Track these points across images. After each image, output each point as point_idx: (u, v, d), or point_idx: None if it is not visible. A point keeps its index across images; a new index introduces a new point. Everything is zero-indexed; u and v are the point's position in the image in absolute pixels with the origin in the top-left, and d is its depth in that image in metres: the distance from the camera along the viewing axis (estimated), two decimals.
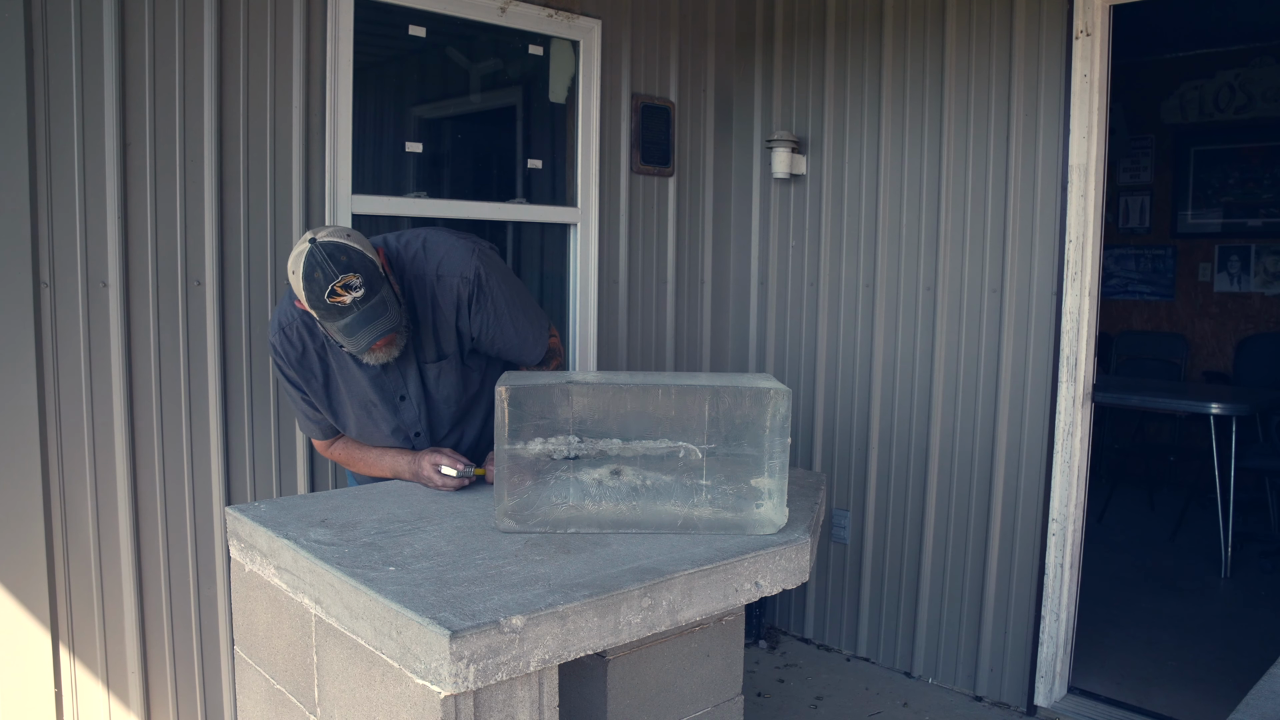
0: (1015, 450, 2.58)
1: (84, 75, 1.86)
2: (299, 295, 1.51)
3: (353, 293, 1.44)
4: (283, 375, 1.72)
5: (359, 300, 1.45)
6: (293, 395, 1.76)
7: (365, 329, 1.48)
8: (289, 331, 1.66)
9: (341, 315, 1.45)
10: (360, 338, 1.49)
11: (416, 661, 1.15)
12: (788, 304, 3.09)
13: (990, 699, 2.67)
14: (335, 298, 1.44)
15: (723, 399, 1.46)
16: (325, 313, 1.47)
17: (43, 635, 1.88)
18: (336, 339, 1.52)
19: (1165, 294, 5.22)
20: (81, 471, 1.92)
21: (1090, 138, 2.40)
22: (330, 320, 1.48)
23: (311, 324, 1.64)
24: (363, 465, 1.83)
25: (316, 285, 1.45)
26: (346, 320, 1.46)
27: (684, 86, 3.02)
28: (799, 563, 1.47)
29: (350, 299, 1.44)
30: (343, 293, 1.44)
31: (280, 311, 1.69)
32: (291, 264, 1.51)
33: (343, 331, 1.48)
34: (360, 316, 1.46)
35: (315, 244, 1.47)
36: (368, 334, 1.49)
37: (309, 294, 1.47)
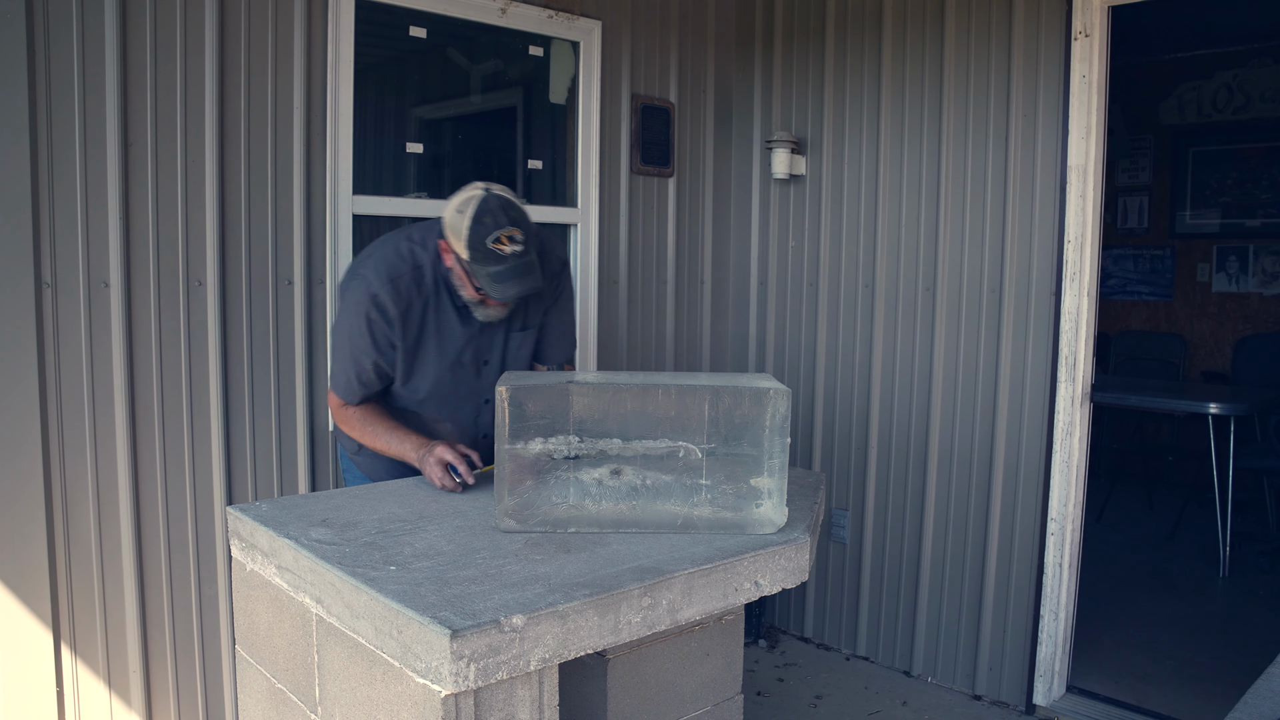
0: (1014, 450, 2.59)
1: (85, 75, 1.86)
2: (459, 234, 1.56)
3: (514, 245, 1.53)
4: (368, 326, 1.69)
5: (517, 254, 1.54)
6: (362, 348, 1.72)
7: (512, 282, 1.56)
8: (399, 283, 1.66)
9: (498, 262, 1.54)
10: (506, 288, 1.57)
11: (417, 660, 1.15)
12: (787, 304, 3.10)
13: (989, 698, 2.67)
14: (498, 244, 1.52)
15: (722, 399, 1.46)
16: (482, 256, 1.55)
17: (44, 634, 1.89)
18: (483, 284, 1.58)
19: (1164, 294, 5.23)
20: (83, 471, 1.92)
21: (1089, 138, 2.40)
22: (482, 264, 1.55)
23: (421, 279, 1.68)
24: (370, 435, 1.78)
25: (483, 228, 1.53)
26: (500, 269, 1.54)
27: (684, 87, 3.03)
28: (798, 562, 1.48)
29: (510, 250, 1.53)
30: (506, 243, 1.52)
31: (387, 265, 1.68)
32: (458, 205, 1.58)
33: (492, 278, 1.55)
34: (512, 269, 1.55)
35: (490, 193, 1.57)
36: (513, 287, 1.57)
37: (473, 234, 1.53)
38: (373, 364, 1.75)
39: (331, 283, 2.26)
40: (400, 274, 1.68)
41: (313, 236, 2.23)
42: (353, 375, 1.77)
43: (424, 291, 1.71)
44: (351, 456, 2.00)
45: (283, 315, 2.20)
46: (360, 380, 1.78)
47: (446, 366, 1.79)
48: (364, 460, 1.97)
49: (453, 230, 1.60)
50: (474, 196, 1.58)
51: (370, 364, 1.75)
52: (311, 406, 2.26)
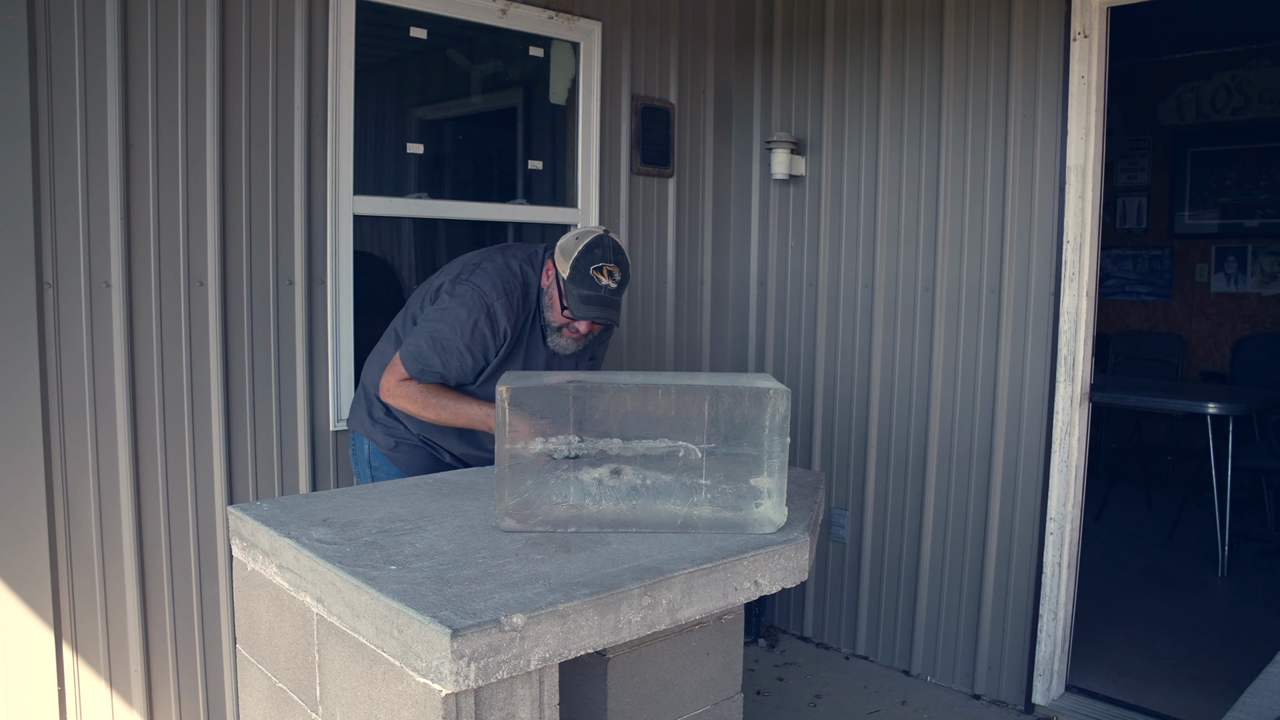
0: (1013, 450, 2.60)
1: (87, 76, 1.87)
2: (568, 255, 1.79)
3: (610, 280, 1.78)
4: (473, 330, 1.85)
5: (610, 289, 1.78)
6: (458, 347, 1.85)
7: (596, 308, 1.78)
8: (512, 298, 1.88)
9: (593, 288, 1.76)
10: (589, 310, 1.78)
11: (418, 660, 1.16)
12: (787, 304, 3.10)
13: (988, 697, 2.68)
14: (598, 273, 1.76)
15: (722, 399, 1.47)
16: (582, 280, 1.77)
17: (46, 634, 1.89)
18: (570, 302, 1.80)
19: (1162, 294, 5.23)
20: (85, 471, 1.93)
21: (1088, 139, 2.41)
22: (578, 286, 1.78)
23: (527, 297, 1.90)
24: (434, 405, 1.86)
25: (592, 257, 1.77)
26: (593, 294, 1.77)
27: (684, 88, 3.03)
28: (798, 562, 1.48)
29: (605, 283, 1.77)
30: (606, 275, 1.76)
31: (502, 279, 1.88)
32: (578, 233, 1.83)
33: (581, 299, 1.77)
34: (602, 298, 1.77)
35: (607, 234, 1.84)
36: (595, 311, 1.78)
37: (583, 259, 1.78)
38: (458, 364, 1.87)
39: (332, 283, 2.27)
40: (513, 289, 1.87)
41: (313, 237, 2.24)
42: (435, 364, 1.86)
43: (528, 308, 1.91)
44: (388, 453, 2.03)
45: (284, 315, 2.20)
46: (441, 372, 1.87)
47: None
48: (401, 456, 2.02)
49: (564, 252, 1.82)
50: (594, 231, 1.82)
51: (456, 363, 1.86)
52: (312, 406, 2.27)
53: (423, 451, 2.03)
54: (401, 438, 2.02)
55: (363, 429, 2.06)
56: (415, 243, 2.66)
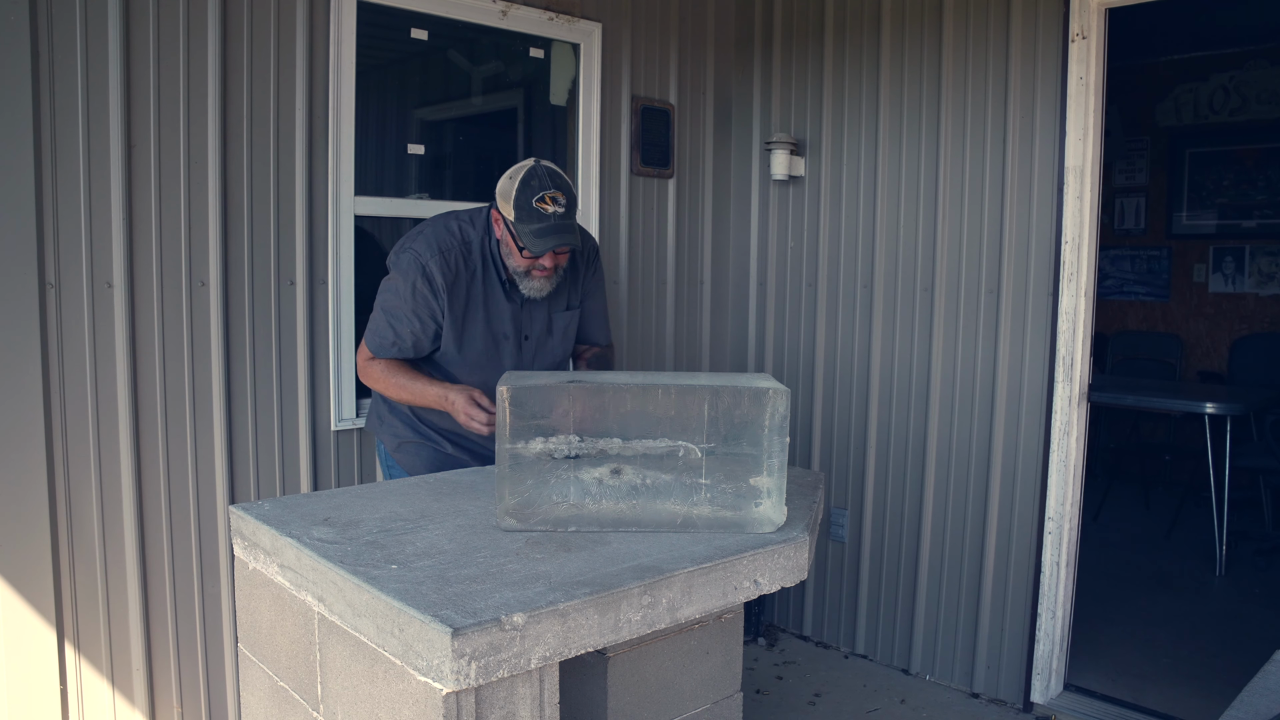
0: (1012, 449, 2.60)
1: (89, 78, 1.87)
2: (508, 197, 1.73)
3: (556, 205, 1.71)
4: (412, 294, 1.84)
5: (559, 214, 1.71)
6: (404, 313, 1.85)
7: (552, 236, 1.72)
8: (448, 256, 1.83)
9: (540, 220, 1.71)
10: (546, 242, 1.73)
11: (419, 659, 1.16)
12: (786, 304, 3.11)
13: (987, 696, 2.69)
14: (541, 204, 1.70)
15: (722, 399, 1.47)
16: (527, 214, 1.72)
17: (48, 632, 1.90)
18: (524, 241, 1.74)
19: (1160, 295, 5.25)
20: (87, 470, 1.93)
21: (1086, 140, 2.41)
22: (526, 223, 1.72)
23: (468, 253, 1.85)
24: (394, 385, 1.86)
25: (530, 190, 1.72)
26: (542, 225, 1.71)
27: (684, 89, 3.04)
28: (797, 561, 1.49)
29: (552, 210, 1.71)
30: (549, 203, 1.71)
31: (437, 238, 1.84)
32: (510, 173, 1.77)
33: (534, 234, 1.72)
34: (553, 226, 1.72)
35: (538, 163, 1.77)
36: (552, 240, 1.73)
37: (520, 195, 1.72)
38: (410, 330, 1.86)
39: (333, 283, 2.28)
40: (450, 248, 1.83)
41: (315, 237, 2.25)
42: (388, 335, 1.87)
43: (471, 265, 1.86)
44: (393, 454, 2.05)
45: (285, 315, 2.21)
46: (395, 341, 1.88)
47: (490, 338, 1.91)
48: (404, 457, 2.03)
49: (503, 195, 1.76)
50: (524, 165, 1.75)
51: (408, 329, 1.86)
52: (314, 406, 2.27)
53: (425, 449, 2.03)
54: (403, 438, 2.04)
55: (376, 430, 2.10)
56: None
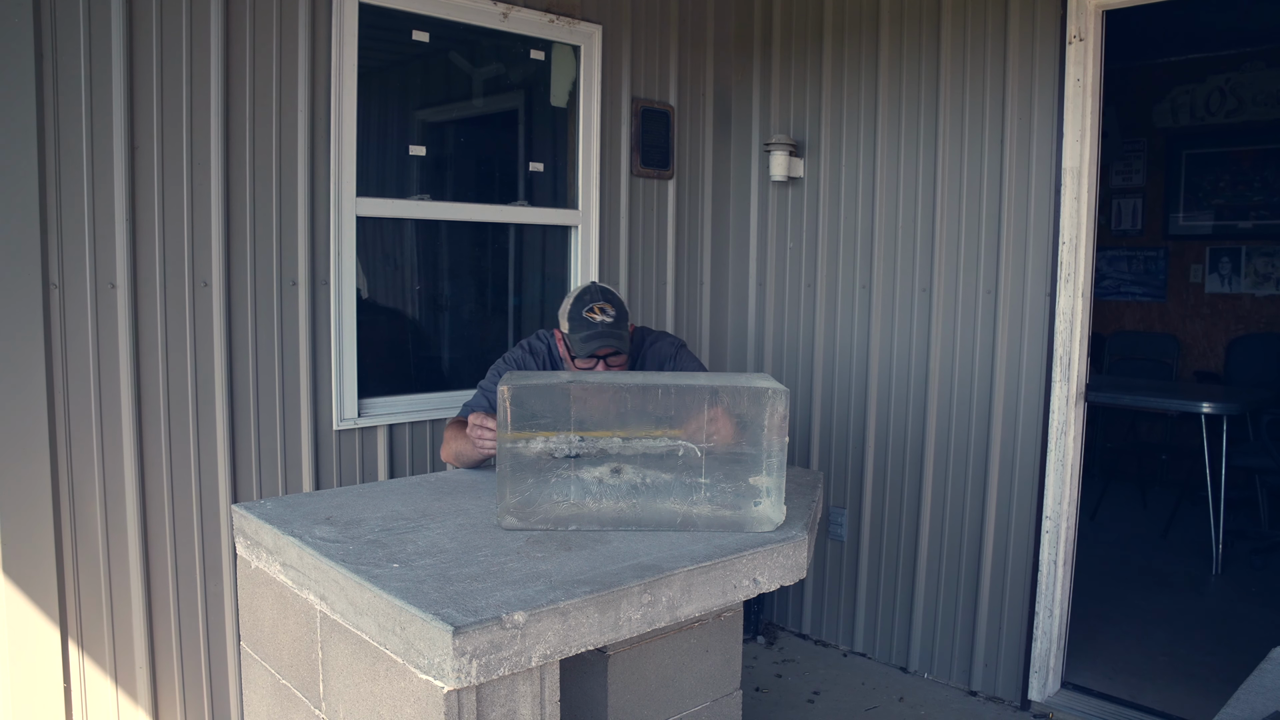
0: (1009, 449, 2.62)
1: (92, 79, 1.88)
2: (565, 314, 1.95)
3: (604, 315, 1.92)
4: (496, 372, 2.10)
5: (605, 323, 1.92)
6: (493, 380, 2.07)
7: (597, 340, 1.91)
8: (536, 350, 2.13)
9: (588, 328, 1.91)
10: (591, 345, 1.91)
11: (420, 657, 1.17)
12: (785, 305, 3.12)
13: (985, 694, 2.70)
14: (590, 313, 1.92)
15: (721, 398, 1.48)
16: (578, 324, 1.92)
17: (52, 631, 1.91)
18: (574, 347, 1.93)
19: (1157, 295, 5.26)
20: (90, 470, 1.94)
21: (1083, 141, 2.43)
22: (577, 331, 1.92)
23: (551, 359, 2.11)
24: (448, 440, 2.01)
25: (581, 303, 1.94)
26: (590, 331, 1.91)
27: (683, 91, 3.05)
28: (796, 560, 1.50)
29: (600, 319, 1.91)
30: (598, 312, 1.92)
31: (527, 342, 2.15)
32: (570, 293, 2.01)
33: (582, 339, 1.91)
34: (599, 331, 1.91)
35: (594, 283, 2.03)
36: (597, 343, 1.91)
37: (573, 309, 1.94)
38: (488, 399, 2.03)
39: (335, 283, 2.29)
40: (536, 349, 2.12)
41: (317, 238, 2.25)
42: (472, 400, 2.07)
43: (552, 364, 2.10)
44: None
45: (287, 316, 2.22)
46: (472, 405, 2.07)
47: None
48: None
49: (562, 315, 1.99)
50: (581, 286, 2.00)
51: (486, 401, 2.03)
52: (316, 405, 2.28)
53: None
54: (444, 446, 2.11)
55: None
56: (417, 244, 2.67)
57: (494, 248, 2.82)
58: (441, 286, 2.78)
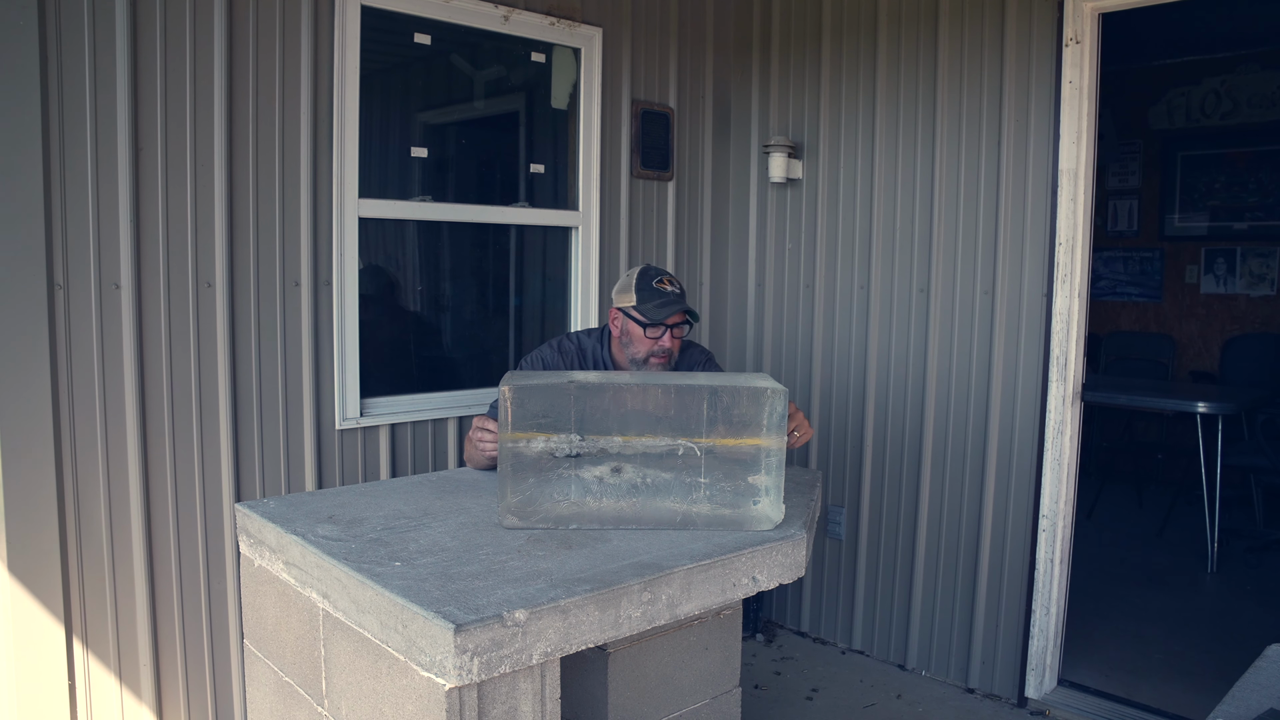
0: (1006, 448, 2.63)
1: (97, 81, 1.89)
2: (629, 289, 2.03)
3: (673, 287, 2.04)
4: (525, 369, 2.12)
5: (675, 294, 2.03)
6: None
7: (673, 306, 2.01)
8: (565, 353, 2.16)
9: (661, 296, 2.01)
10: (667, 310, 2.00)
11: (422, 654, 1.18)
12: (784, 305, 3.14)
13: (982, 691, 2.72)
14: (660, 284, 2.02)
15: (721, 398, 1.49)
16: (649, 294, 2.01)
17: (57, 628, 1.92)
18: (648, 314, 2.00)
19: (1153, 295, 5.28)
20: (94, 469, 1.95)
21: (1079, 143, 2.44)
22: (650, 300, 2.00)
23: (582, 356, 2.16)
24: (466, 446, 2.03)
25: (649, 277, 2.03)
26: (664, 299, 2.01)
27: (683, 93, 3.06)
28: (795, 558, 1.51)
29: (670, 289, 2.03)
30: (668, 284, 2.04)
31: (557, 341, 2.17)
32: (625, 274, 2.11)
33: (657, 306, 2.00)
34: (672, 298, 2.02)
35: (645, 264, 2.14)
36: (673, 308, 2.00)
37: (641, 282, 2.03)
38: None
39: (337, 284, 2.30)
40: (567, 349, 2.16)
41: (319, 239, 2.27)
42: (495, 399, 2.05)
43: (584, 362, 2.15)
44: None
45: (290, 316, 2.23)
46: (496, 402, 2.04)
47: None
48: None
49: (621, 290, 2.06)
50: (637, 267, 2.10)
51: None
52: (318, 405, 2.29)
53: None
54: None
55: None
56: (419, 245, 2.68)
57: (495, 249, 2.83)
58: (443, 287, 2.80)
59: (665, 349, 2.02)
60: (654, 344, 2.01)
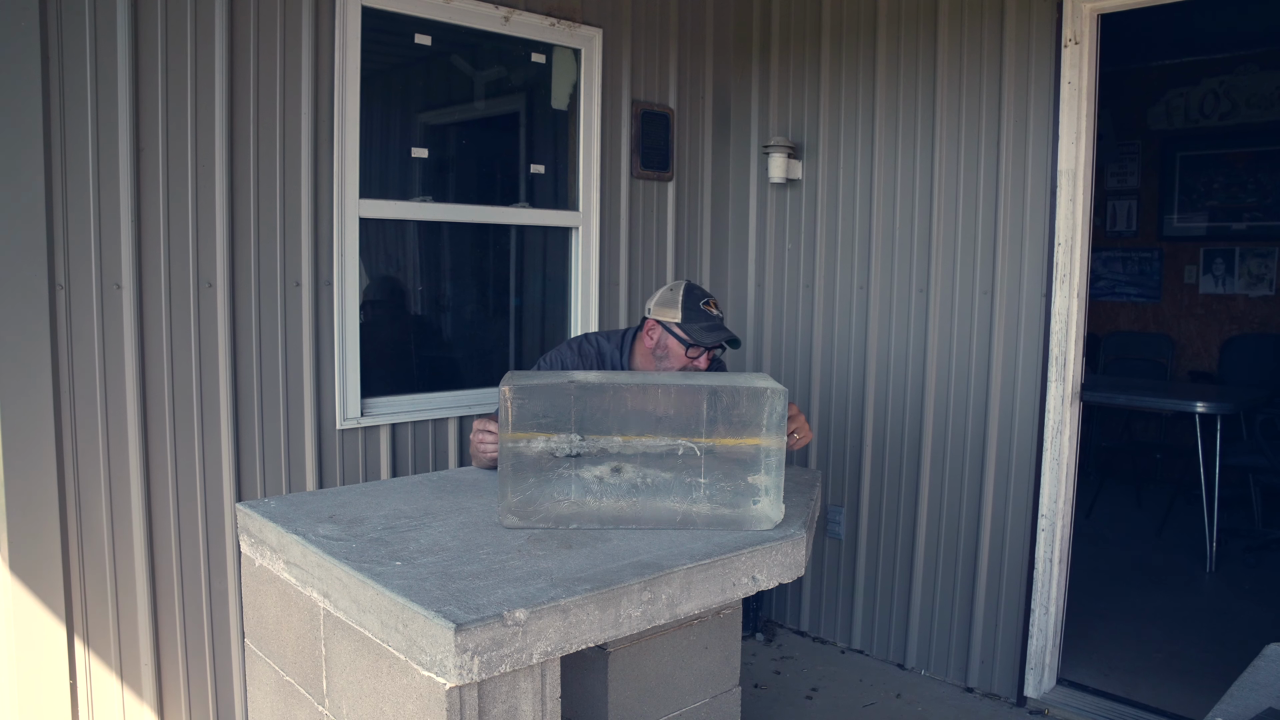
0: (1005, 448, 2.64)
1: (98, 81, 1.90)
2: (673, 305, 2.03)
3: (719, 311, 2.06)
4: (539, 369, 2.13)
5: (720, 318, 2.05)
6: None
7: (720, 332, 2.03)
8: (586, 352, 2.16)
9: (709, 320, 2.02)
10: (715, 336, 2.02)
11: (422, 654, 1.18)
12: (784, 305, 3.14)
13: (981, 690, 2.72)
14: (708, 307, 2.04)
15: (720, 398, 1.50)
16: (697, 315, 2.02)
17: (58, 628, 1.93)
18: (695, 336, 2.01)
19: (1152, 296, 5.29)
20: (96, 469, 1.96)
21: (1078, 143, 2.45)
22: (697, 321, 2.01)
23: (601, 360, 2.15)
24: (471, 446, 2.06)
25: (695, 297, 2.04)
26: (711, 323, 2.02)
27: (683, 93, 3.07)
28: (795, 558, 1.51)
29: (717, 313, 2.05)
30: (715, 307, 2.05)
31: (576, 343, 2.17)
32: (668, 287, 2.09)
33: (704, 330, 2.01)
34: (718, 324, 2.04)
35: (690, 281, 2.20)
36: (720, 335, 2.02)
37: (689, 299, 2.03)
38: None
39: (338, 284, 2.30)
40: (586, 352, 2.17)
41: (320, 239, 2.27)
42: None
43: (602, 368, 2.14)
44: None
45: (291, 316, 2.23)
46: None
47: None
48: None
49: (665, 304, 2.06)
50: (679, 283, 2.10)
51: None
52: (319, 405, 2.30)
53: None
54: None
55: None
56: (420, 245, 2.69)
57: (495, 249, 2.83)
58: (443, 287, 2.80)
59: (703, 367, 2.05)
60: (691, 364, 2.04)
